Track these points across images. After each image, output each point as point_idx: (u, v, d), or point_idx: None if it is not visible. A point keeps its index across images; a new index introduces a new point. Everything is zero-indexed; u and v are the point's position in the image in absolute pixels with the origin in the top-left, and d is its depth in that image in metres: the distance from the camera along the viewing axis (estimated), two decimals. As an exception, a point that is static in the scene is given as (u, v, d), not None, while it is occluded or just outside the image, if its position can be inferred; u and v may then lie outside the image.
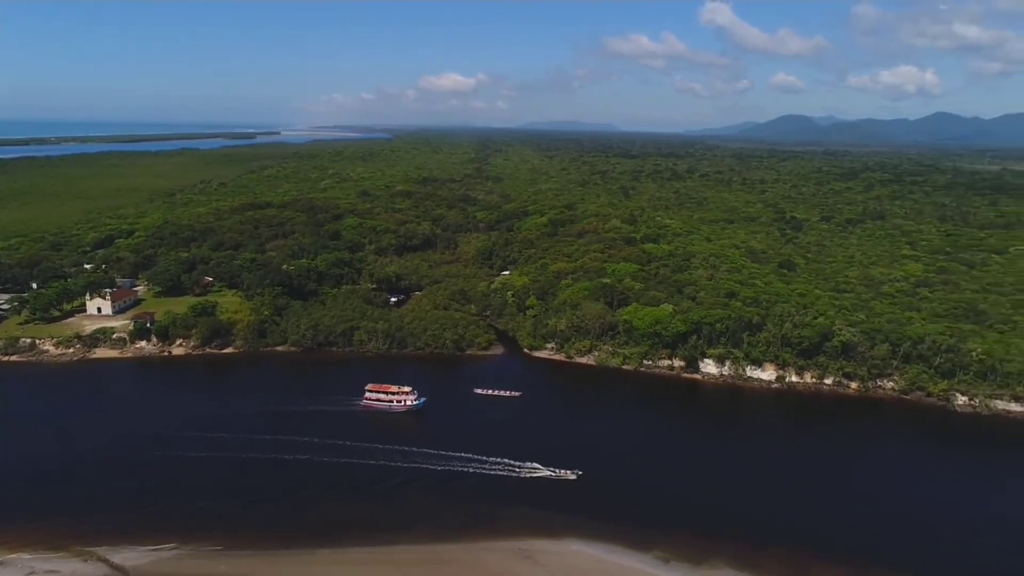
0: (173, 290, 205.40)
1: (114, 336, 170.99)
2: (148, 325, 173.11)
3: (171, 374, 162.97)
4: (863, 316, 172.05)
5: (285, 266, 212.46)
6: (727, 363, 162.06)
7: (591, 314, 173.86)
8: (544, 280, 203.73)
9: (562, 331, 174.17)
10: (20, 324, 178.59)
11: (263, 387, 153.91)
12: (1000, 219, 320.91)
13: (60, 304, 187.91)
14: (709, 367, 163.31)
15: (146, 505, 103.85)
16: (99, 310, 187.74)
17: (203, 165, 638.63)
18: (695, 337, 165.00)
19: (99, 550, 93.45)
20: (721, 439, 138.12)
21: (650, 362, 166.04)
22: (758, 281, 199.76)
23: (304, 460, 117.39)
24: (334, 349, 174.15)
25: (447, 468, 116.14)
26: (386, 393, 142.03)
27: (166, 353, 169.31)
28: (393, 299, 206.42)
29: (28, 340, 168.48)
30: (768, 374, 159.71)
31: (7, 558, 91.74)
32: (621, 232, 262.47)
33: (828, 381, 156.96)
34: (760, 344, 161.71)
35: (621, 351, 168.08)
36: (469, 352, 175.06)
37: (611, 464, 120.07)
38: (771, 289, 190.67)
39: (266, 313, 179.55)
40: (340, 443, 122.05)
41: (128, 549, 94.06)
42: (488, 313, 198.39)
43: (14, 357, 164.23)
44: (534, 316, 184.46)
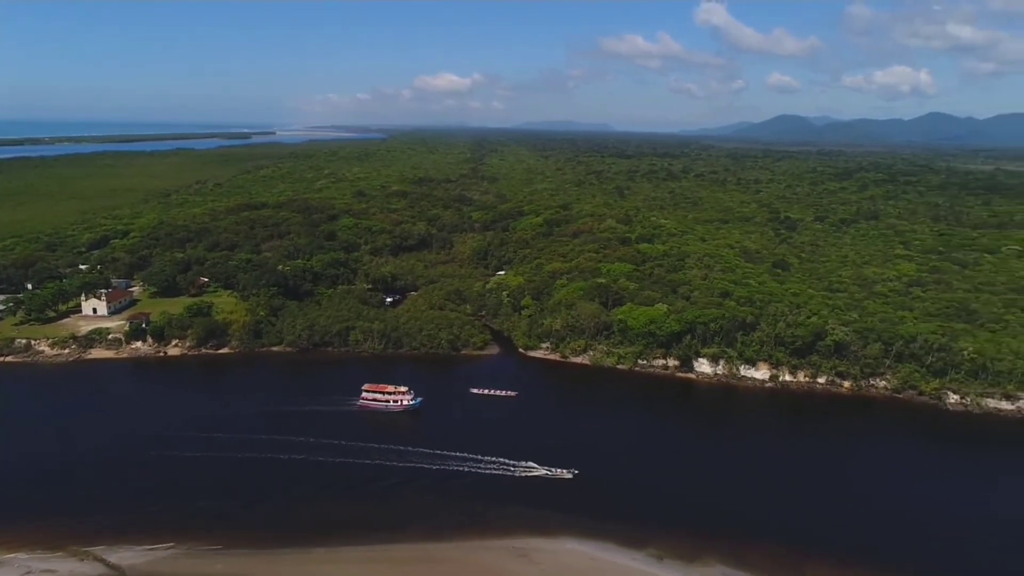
0: (169, 291, 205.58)
1: (110, 337, 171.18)
2: (144, 326, 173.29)
3: (167, 374, 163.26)
4: (856, 315, 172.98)
5: (281, 266, 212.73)
6: (721, 362, 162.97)
7: (586, 314, 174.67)
8: (539, 280, 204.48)
9: (557, 331, 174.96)
10: (15, 325, 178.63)
11: (259, 387, 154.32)
12: (993, 219, 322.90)
13: (55, 305, 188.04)
14: (703, 366, 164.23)
15: (143, 505, 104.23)
16: (94, 311, 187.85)
17: (199, 165, 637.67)
18: (689, 337, 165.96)
19: (96, 550, 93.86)
20: (715, 438, 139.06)
21: (644, 361, 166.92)
22: (752, 281, 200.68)
23: (300, 460, 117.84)
24: (330, 349, 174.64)
25: (443, 467, 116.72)
26: (383, 393, 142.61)
27: (162, 354, 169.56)
28: (389, 299, 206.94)
29: (23, 341, 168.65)
30: (762, 373, 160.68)
31: (4, 558, 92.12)
32: (616, 232, 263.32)
33: (821, 380, 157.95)
34: (754, 343, 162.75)
35: (616, 351, 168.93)
36: (464, 352, 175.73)
37: (606, 463, 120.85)
38: (765, 289, 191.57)
39: (262, 313, 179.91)
40: (336, 443, 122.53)
41: (125, 549, 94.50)
42: (483, 313, 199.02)
43: (9, 358, 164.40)
44: (529, 316, 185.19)
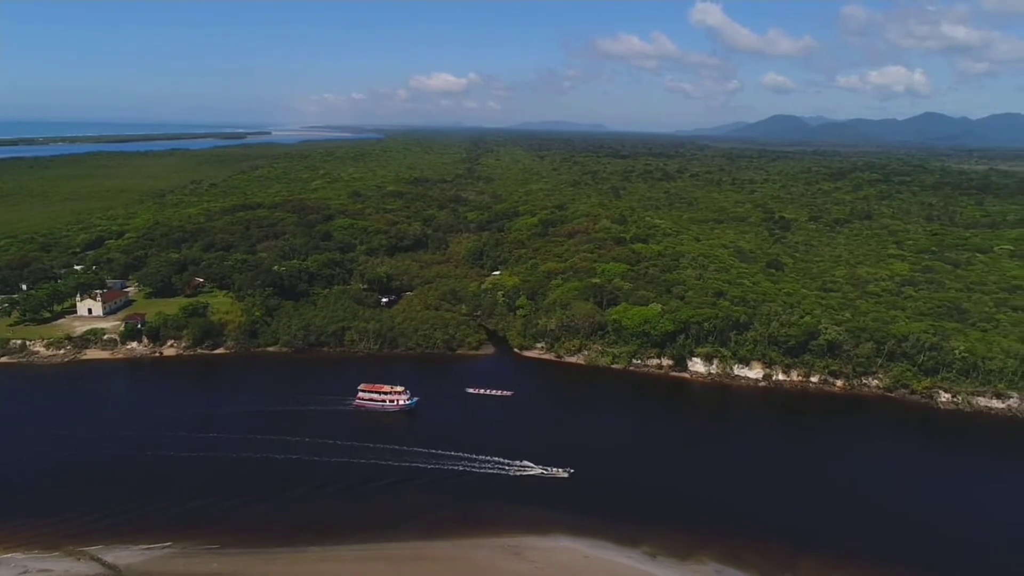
0: (164, 291, 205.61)
1: (105, 337, 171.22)
2: (139, 326, 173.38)
3: (162, 375, 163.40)
4: (849, 315, 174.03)
5: (276, 267, 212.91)
6: (715, 362, 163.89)
7: (581, 314, 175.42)
8: (534, 280, 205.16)
9: (552, 331, 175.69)
10: (10, 326, 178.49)
11: (254, 387, 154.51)
12: (985, 218, 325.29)
13: (50, 305, 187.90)
14: (697, 366, 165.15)
15: (139, 505, 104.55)
16: (90, 311, 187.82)
17: (194, 165, 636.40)
18: (683, 336, 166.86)
19: (92, 549, 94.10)
20: (709, 437, 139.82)
21: (639, 361, 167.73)
22: (746, 281, 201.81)
23: (296, 460, 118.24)
24: (325, 349, 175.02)
25: (439, 467, 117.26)
26: (379, 393, 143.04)
27: (157, 354, 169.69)
28: (384, 299, 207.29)
29: (18, 341, 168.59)
30: (755, 372, 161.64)
31: (0, 558, 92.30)
32: (611, 232, 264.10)
33: (814, 379, 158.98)
34: (747, 343, 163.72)
35: (610, 350, 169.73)
36: (460, 352, 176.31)
37: (601, 461, 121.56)
38: (759, 288, 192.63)
39: (257, 314, 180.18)
40: (332, 443, 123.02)
41: (121, 548, 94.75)
42: (479, 313, 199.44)
43: (4, 359, 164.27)
44: (524, 316, 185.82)
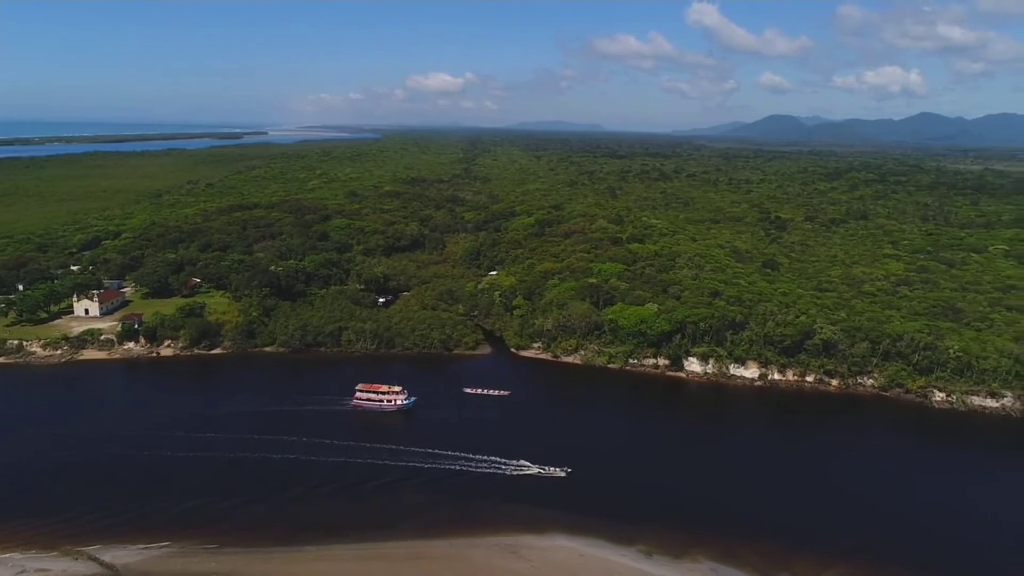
0: (161, 291, 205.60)
1: (102, 338, 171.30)
2: (136, 326, 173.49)
3: (160, 375, 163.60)
4: (844, 315, 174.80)
5: (273, 267, 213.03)
6: (711, 361, 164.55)
7: (577, 314, 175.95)
8: (531, 280, 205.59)
9: (549, 331, 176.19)
10: (7, 326, 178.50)
11: (252, 388, 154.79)
12: (980, 218, 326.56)
13: (47, 306, 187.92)
14: (693, 365, 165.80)
15: (136, 504, 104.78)
16: (86, 312, 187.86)
17: (190, 165, 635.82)
18: (679, 336, 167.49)
19: (90, 549, 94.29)
20: (705, 436, 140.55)
21: (635, 361, 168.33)
22: (742, 280, 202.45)
23: (294, 460, 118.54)
24: (322, 349, 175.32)
25: (436, 466, 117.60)
26: (377, 393, 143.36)
27: (154, 354, 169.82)
28: (381, 300, 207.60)
29: (15, 342, 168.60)
30: (751, 372, 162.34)
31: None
32: (608, 232, 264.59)
33: (809, 379, 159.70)
34: (743, 342, 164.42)
35: (607, 350, 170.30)
36: (457, 352, 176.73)
37: (598, 461, 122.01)
38: (754, 288, 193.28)
39: (254, 314, 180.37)
40: (330, 442, 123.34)
41: (119, 548, 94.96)
42: (476, 313, 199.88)
43: (1, 359, 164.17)
44: (521, 316, 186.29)
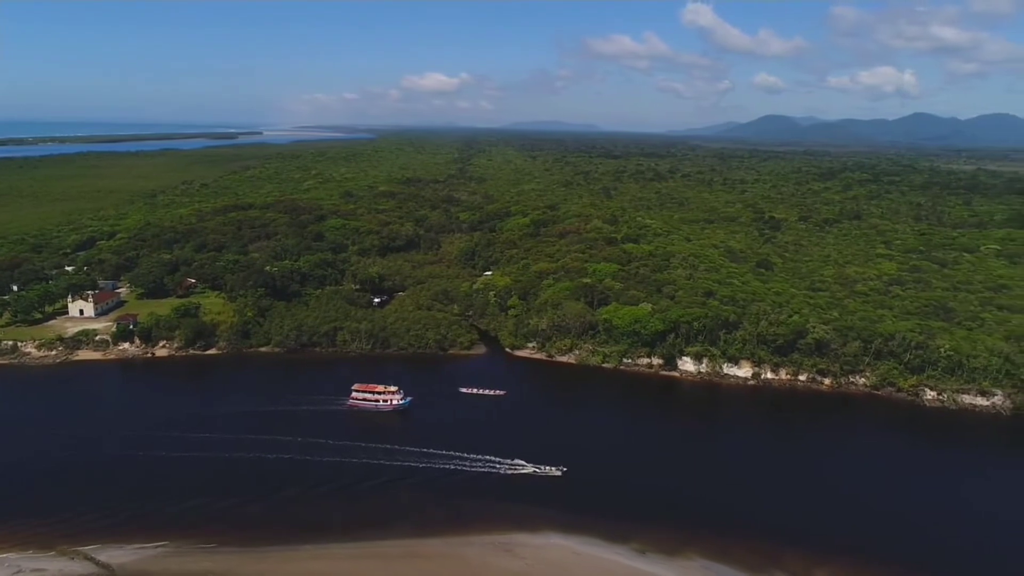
0: (156, 292, 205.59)
1: (97, 338, 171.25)
2: (131, 327, 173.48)
3: (155, 375, 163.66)
4: (837, 314, 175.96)
5: (268, 267, 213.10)
6: (704, 361, 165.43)
7: (572, 313, 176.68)
8: (526, 280, 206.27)
9: (543, 330, 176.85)
10: (1, 327, 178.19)
11: (247, 388, 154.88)
12: (973, 218, 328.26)
13: (42, 306, 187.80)
14: (687, 365, 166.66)
15: (133, 504, 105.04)
16: (81, 312, 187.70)
17: (185, 166, 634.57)
18: (673, 335, 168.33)
19: (86, 549, 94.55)
20: (698, 435, 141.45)
21: (629, 360, 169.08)
22: (736, 280, 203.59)
23: (289, 459, 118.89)
24: (317, 350, 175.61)
25: (432, 466, 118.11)
26: (372, 393, 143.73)
27: (149, 355, 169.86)
28: (376, 300, 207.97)
29: (10, 342, 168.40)
30: (744, 371, 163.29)
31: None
32: (602, 232, 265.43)
33: (802, 378, 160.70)
34: (736, 342, 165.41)
35: (601, 350, 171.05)
36: (452, 352, 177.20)
37: (593, 460, 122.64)
38: (748, 288, 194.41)
39: (249, 314, 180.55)
40: (325, 442, 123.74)
41: (115, 548, 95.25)
42: (471, 313, 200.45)
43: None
44: (516, 316, 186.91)
